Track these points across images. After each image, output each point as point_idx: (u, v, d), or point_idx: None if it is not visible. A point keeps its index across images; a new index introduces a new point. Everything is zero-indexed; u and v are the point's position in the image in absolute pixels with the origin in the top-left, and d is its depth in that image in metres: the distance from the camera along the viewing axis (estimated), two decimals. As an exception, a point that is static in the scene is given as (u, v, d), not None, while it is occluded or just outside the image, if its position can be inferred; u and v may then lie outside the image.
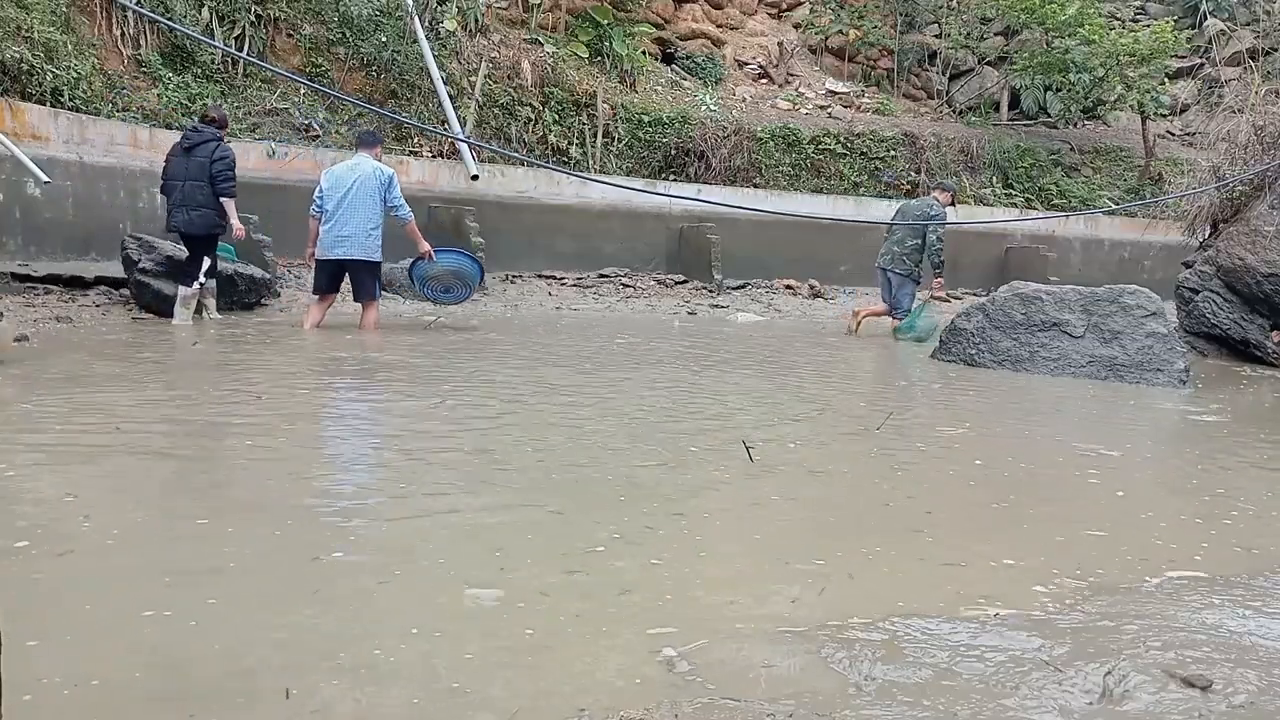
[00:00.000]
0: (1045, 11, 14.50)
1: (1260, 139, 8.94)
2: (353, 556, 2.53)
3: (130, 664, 1.88)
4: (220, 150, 7.48)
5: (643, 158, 13.27)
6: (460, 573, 2.44)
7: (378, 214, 7.43)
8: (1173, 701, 1.88)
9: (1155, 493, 3.86)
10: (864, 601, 2.36)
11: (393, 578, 2.38)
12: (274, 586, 2.31)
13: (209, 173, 7.37)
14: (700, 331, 8.93)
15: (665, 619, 2.21)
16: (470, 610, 2.23)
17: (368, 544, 2.64)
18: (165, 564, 2.42)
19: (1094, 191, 15.40)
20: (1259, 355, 8.45)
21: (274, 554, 2.54)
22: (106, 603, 2.17)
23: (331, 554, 2.53)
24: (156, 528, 2.73)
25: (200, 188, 7.39)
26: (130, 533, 2.66)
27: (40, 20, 8.70)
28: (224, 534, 2.66)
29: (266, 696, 1.77)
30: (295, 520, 2.81)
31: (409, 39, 11.62)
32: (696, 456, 3.89)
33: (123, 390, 4.68)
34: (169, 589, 2.25)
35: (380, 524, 2.82)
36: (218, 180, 7.38)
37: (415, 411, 4.61)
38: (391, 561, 2.50)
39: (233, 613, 2.14)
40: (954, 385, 6.33)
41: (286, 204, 9.77)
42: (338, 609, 2.18)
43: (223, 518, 2.80)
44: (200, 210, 7.42)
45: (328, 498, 3.09)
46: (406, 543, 2.66)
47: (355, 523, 2.82)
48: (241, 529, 2.71)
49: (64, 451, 3.52)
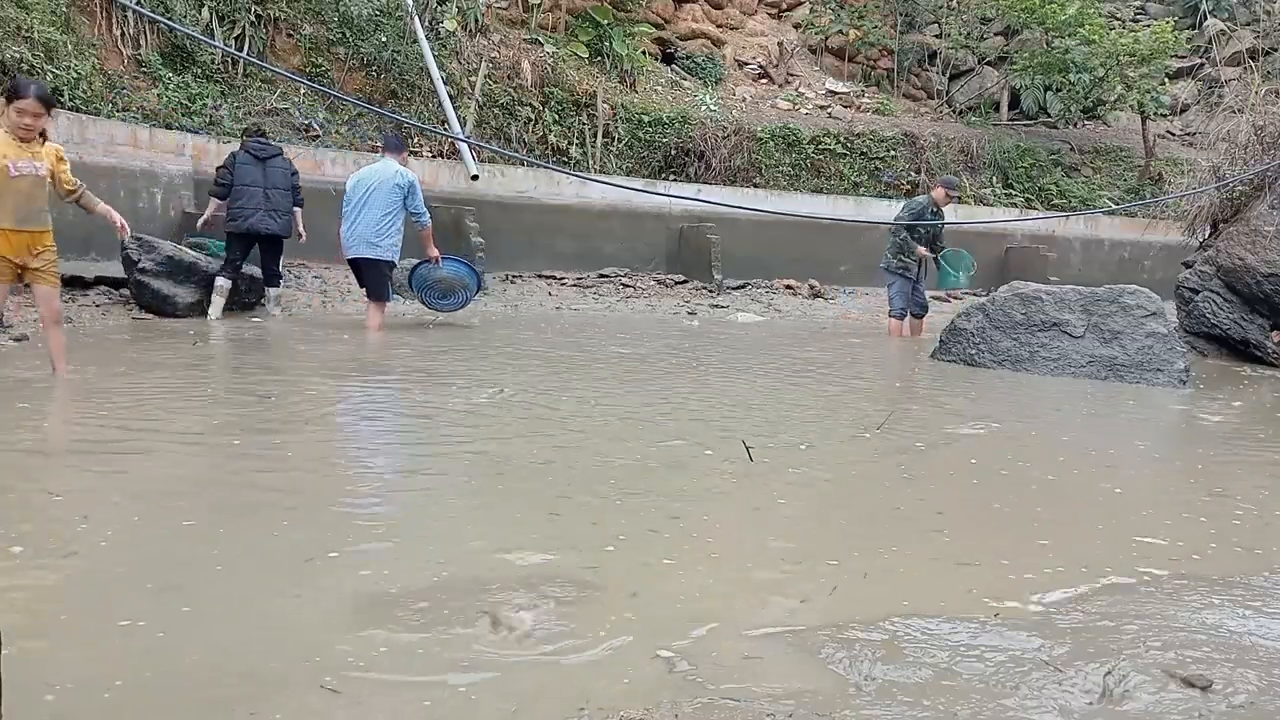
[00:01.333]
0: (1045, 11, 14.49)
1: (1260, 139, 8.93)
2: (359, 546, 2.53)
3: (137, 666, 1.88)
4: (293, 165, 8.33)
5: (643, 158, 13.26)
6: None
7: (390, 216, 7.52)
8: (1173, 701, 1.88)
9: (1155, 492, 3.86)
10: (880, 602, 2.36)
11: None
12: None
13: (290, 183, 8.11)
14: (700, 331, 8.92)
15: (668, 620, 2.21)
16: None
17: (373, 532, 2.64)
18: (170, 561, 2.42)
19: (1094, 191, 15.40)
20: (1259, 355, 8.45)
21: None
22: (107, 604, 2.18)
23: (328, 554, 2.53)
24: (157, 528, 2.74)
25: (285, 195, 8.07)
26: (129, 534, 2.66)
27: (40, 20, 8.69)
28: (216, 534, 2.66)
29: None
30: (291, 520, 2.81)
31: (409, 39, 11.61)
32: (700, 457, 3.89)
33: (123, 390, 4.68)
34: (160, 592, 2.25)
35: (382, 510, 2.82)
36: (297, 191, 8.18)
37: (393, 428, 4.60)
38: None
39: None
40: (954, 385, 6.33)
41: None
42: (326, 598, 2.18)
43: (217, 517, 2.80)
44: (286, 215, 8.11)
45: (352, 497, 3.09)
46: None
47: (366, 509, 2.82)
48: (234, 529, 2.71)
49: (63, 451, 3.52)
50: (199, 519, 2.78)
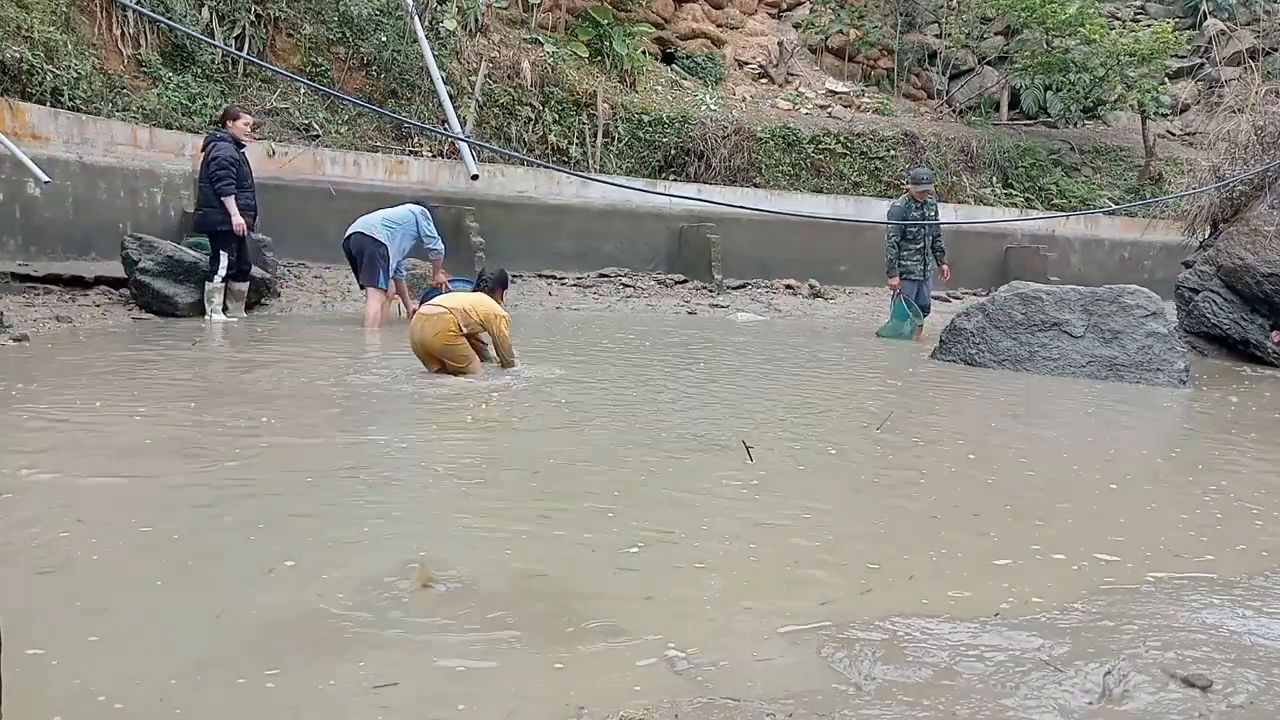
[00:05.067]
0: (1045, 11, 14.48)
1: (1260, 139, 8.92)
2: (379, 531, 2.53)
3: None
4: (213, 150, 7.65)
5: (643, 157, 13.25)
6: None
7: (400, 228, 7.89)
8: (1173, 701, 1.88)
9: (1155, 492, 3.85)
10: (876, 604, 2.36)
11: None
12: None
13: (208, 172, 7.60)
14: (700, 331, 8.92)
15: (671, 620, 2.21)
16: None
17: (383, 531, 2.64)
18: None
19: (1094, 191, 15.38)
20: (1259, 355, 8.44)
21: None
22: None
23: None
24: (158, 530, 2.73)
25: (204, 187, 7.67)
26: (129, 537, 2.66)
27: (40, 20, 8.68)
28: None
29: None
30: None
31: (409, 39, 11.61)
32: (704, 458, 3.89)
33: (122, 390, 4.68)
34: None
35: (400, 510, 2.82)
36: (214, 180, 7.56)
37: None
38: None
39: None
40: (954, 386, 6.33)
41: (286, 204, 9.76)
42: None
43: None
44: (203, 210, 7.70)
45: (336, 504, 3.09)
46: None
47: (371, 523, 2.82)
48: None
49: (62, 451, 3.51)
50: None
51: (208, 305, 7.70)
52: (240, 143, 7.83)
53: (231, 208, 7.57)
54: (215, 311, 7.66)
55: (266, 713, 1.78)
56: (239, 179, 7.67)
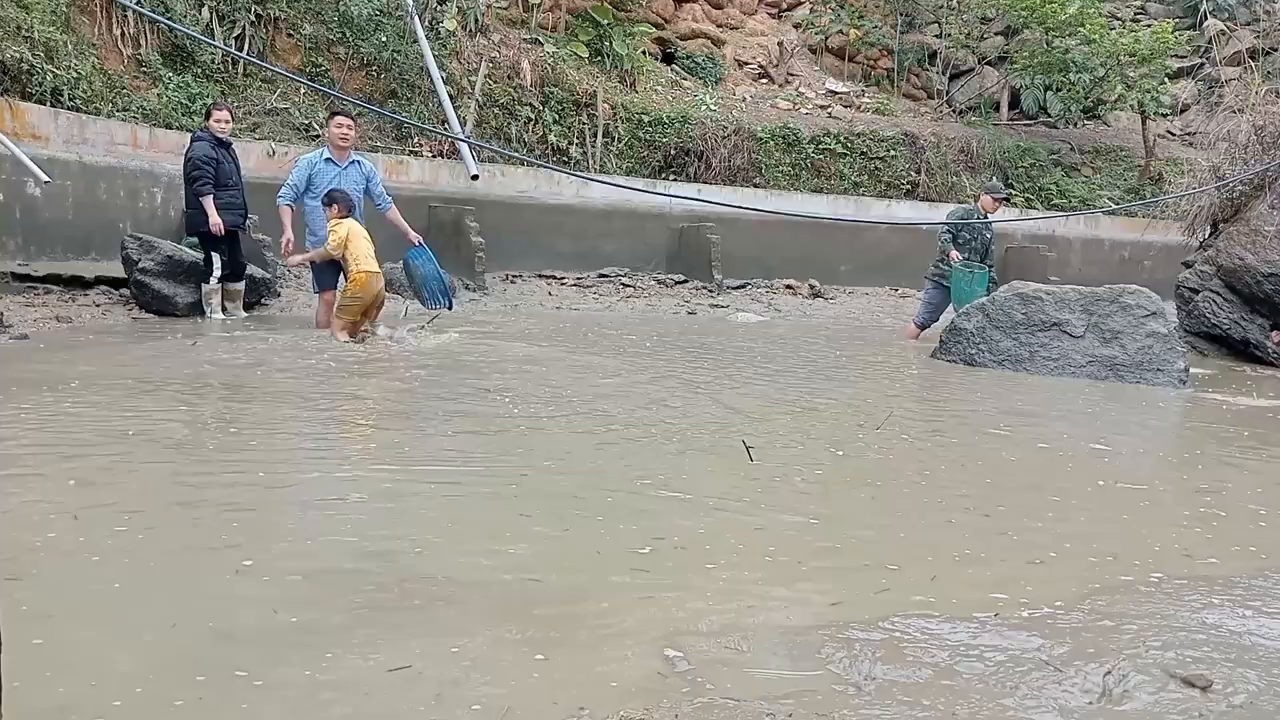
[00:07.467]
0: (1045, 11, 14.48)
1: (1260, 139, 8.93)
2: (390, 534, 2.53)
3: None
4: (189, 149, 7.55)
5: (643, 158, 13.26)
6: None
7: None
8: (1172, 701, 1.88)
9: (1154, 492, 3.85)
10: (871, 606, 2.36)
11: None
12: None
13: (185, 173, 7.55)
14: (701, 331, 8.92)
15: (671, 620, 2.21)
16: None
17: (380, 532, 2.64)
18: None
19: (1094, 191, 15.38)
20: (1259, 355, 8.44)
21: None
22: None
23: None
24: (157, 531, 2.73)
25: (186, 189, 7.62)
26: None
27: (40, 20, 8.68)
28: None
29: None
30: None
31: (409, 39, 11.60)
32: (704, 458, 3.89)
33: (122, 390, 4.68)
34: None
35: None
36: (190, 180, 7.47)
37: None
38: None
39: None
40: (953, 385, 6.33)
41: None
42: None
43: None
44: (188, 211, 7.68)
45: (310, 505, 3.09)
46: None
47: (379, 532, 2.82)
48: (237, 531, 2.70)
49: (60, 451, 3.51)
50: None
51: (205, 308, 7.67)
52: (220, 140, 7.56)
53: (208, 207, 7.34)
54: (214, 312, 7.65)
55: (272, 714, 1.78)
56: (219, 177, 7.42)
